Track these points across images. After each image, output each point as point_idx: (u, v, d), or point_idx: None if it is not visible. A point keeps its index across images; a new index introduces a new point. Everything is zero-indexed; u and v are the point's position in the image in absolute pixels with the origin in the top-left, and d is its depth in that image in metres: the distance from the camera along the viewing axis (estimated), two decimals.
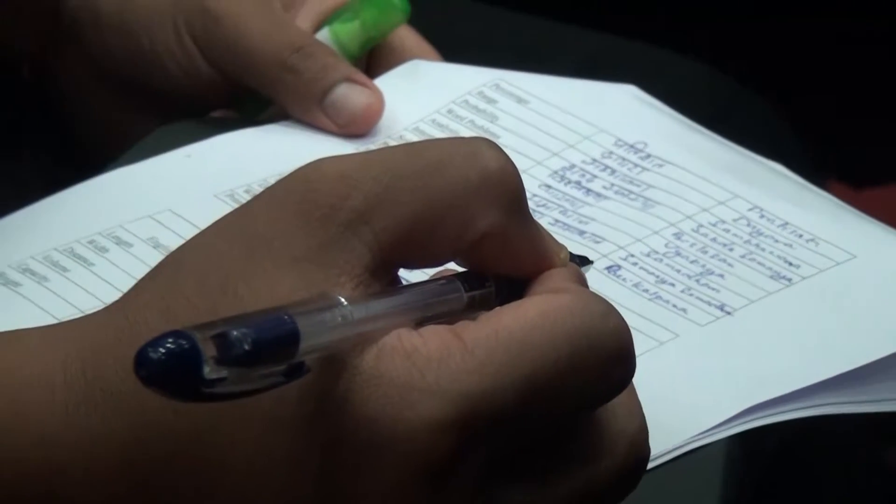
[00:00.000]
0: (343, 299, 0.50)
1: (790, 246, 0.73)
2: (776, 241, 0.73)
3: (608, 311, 0.54)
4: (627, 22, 1.06)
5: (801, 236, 0.73)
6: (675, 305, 0.69)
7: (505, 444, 0.54)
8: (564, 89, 0.84)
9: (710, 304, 0.69)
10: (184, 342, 0.47)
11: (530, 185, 0.77)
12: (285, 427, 0.53)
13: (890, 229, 0.75)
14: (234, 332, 0.47)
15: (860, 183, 1.62)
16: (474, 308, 0.54)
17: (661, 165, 0.78)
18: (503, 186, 0.55)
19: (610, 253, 0.73)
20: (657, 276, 0.71)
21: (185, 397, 0.49)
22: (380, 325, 0.52)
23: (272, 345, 0.48)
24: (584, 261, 0.62)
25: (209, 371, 0.47)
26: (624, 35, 0.99)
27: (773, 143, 0.86)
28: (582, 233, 0.74)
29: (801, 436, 0.67)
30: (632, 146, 0.79)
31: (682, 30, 1.19)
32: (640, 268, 0.72)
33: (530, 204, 0.71)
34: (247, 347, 0.48)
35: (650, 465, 0.60)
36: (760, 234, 0.74)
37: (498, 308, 0.54)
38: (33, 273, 0.72)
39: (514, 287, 0.55)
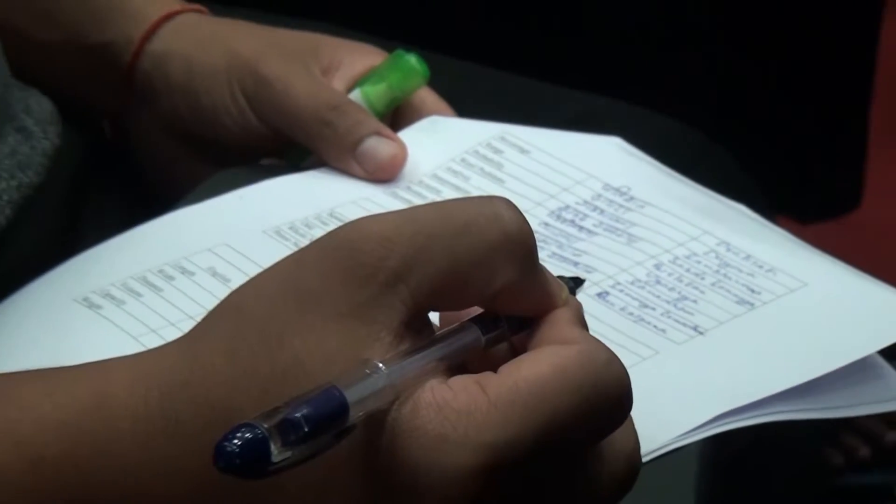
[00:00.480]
0: (382, 365, 0.51)
1: (752, 275, 0.74)
2: (740, 271, 0.74)
3: (611, 359, 0.55)
4: (613, 83, 1.05)
5: (761, 267, 0.74)
6: (655, 326, 0.70)
7: (523, 479, 0.55)
8: (560, 141, 0.84)
9: (685, 325, 0.70)
10: (254, 434, 0.49)
11: (532, 223, 0.76)
12: (341, 471, 0.54)
13: (834, 260, 0.76)
14: (296, 416, 0.49)
15: (805, 218, 1.62)
16: (491, 345, 0.56)
17: (642, 206, 0.79)
18: (520, 246, 0.56)
19: (600, 281, 0.74)
20: (640, 302, 0.72)
21: (256, 478, 0.50)
22: (414, 380, 0.53)
23: (326, 420, 0.50)
24: (577, 281, 0.63)
25: (276, 455, 0.49)
26: (609, 95, 0.99)
27: (735, 186, 0.87)
28: (576, 264, 0.75)
29: (757, 438, 0.67)
30: (617, 190, 0.80)
31: (657, 90, 1.17)
32: (626, 294, 0.73)
33: (542, 237, 0.76)
34: (306, 429, 0.49)
35: None
36: (727, 265, 0.74)
37: (516, 360, 0.54)
38: (113, 297, 0.73)
39: (523, 323, 0.57)
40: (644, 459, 0.62)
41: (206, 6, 0.91)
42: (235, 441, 0.50)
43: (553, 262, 0.75)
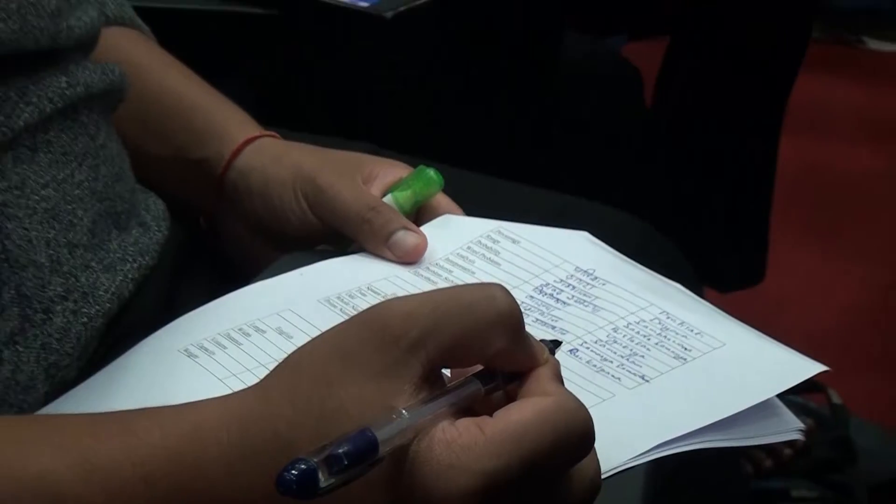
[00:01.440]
0: (405, 411, 0.54)
1: (685, 337, 0.74)
2: (676, 333, 0.74)
3: (579, 407, 0.57)
4: (582, 186, 1.05)
5: (691, 331, 0.74)
6: (612, 375, 0.70)
7: (512, 498, 0.56)
8: (541, 234, 0.84)
9: (634, 374, 0.71)
10: (307, 465, 0.53)
11: (519, 296, 0.77)
12: (373, 490, 0.55)
13: (744, 325, 0.76)
14: (339, 451, 0.52)
15: (723, 289, 1.62)
16: (489, 394, 0.58)
17: (604, 284, 0.79)
18: (510, 321, 0.58)
19: (572, 341, 0.74)
20: (601, 356, 0.72)
21: (308, 500, 0.53)
22: (429, 422, 0.56)
23: (362, 455, 0.53)
24: (556, 343, 0.65)
25: (323, 482, 0.52)
26: (578, 195, 0.99)
27: (673, 267, 0.87)
28: (553, 327, 0.75)
29: (689, 456, 0.67)
30: (585, 272, 0.80)
31: (615, 191, 1.17)
32: (591, 351, 0.73)
33: (529, 308, 0.77)
34: (346, 462, 0.53)
35: None
36: (666, 329, 0.75)
37: (507, 407, 0.56)
38: (205, 349, 0.74)
39: (514, 377, 0.59)
40: (603, 477, 0.62)
41: (277, 132, 0.91)
42: (293, 472, 0.53)
43: (536, 326, 0.75)
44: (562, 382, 0.61)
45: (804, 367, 0.71)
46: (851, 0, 2.85)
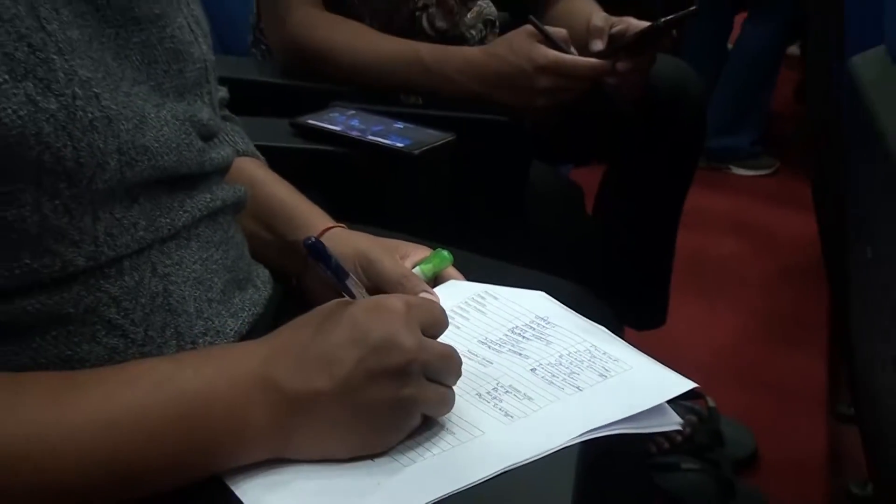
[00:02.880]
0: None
1: (606, 362, 0.73)
2: (601, 360, 0.74)
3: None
4: (543, 264, 1.04)
5: (611, 358, 0.74)
6: (558, 386, 0.70)
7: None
8: (513, 293, 0.83)
9: (573, 386, 0.70)
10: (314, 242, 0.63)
11: (498, 334, 0.77)
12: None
13: (646, 356, 0.75)
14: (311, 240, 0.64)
15: (638, 328, 1.60)
16: None
17: (554, 326, 0.78)
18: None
19: (532, 363, 0.73)
20: (551, 374, 0.71)
21: (325, 262, 0.65)
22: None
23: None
24: None
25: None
26: (539, 270, 0.98)
27: (601, 315, 0.85)
28: (520, 354, 0.74)
29: (609, 442, 0.67)
30: (542, 318, 0.79)
31: (564, 266, 1.17)
32: (544, 370, 0.72)
33: (504, 341, 0.76)
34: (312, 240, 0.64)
35: (531, 458, 0.64)
36: (594, 357, 0.74)
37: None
38: None
39: None
40: (553, 450, 0.64)
41: (344, 223, 0.90)
42: (311, 241, 0.64)
43: (510, 354, 0.74)
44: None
45: (683, 384, 0.71)
46: (721, 142, 2.87)
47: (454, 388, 0.66)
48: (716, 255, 2.41)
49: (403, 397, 0.61)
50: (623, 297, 1.47)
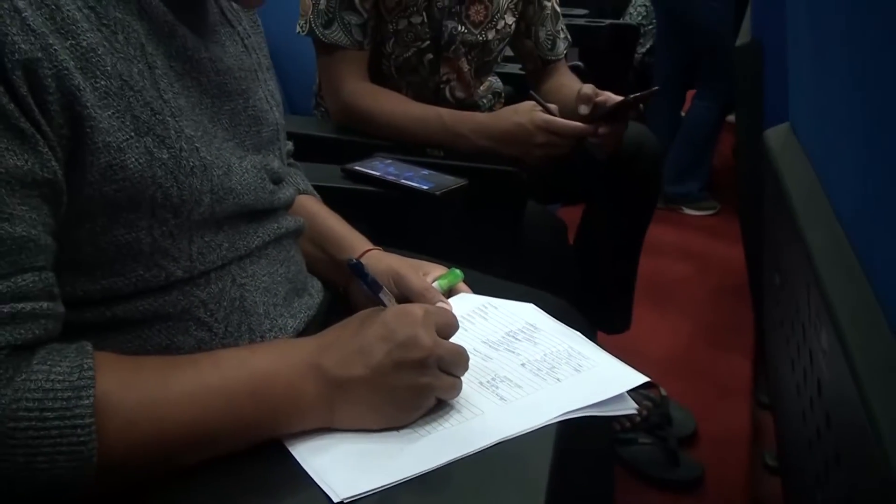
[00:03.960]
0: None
1: (580, 360, 0.73)
2: (576, 358, 0.73)
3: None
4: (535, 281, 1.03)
5: (584, 357, 0.73)
6: (542, 378, 0.69)
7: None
8: (509, 304, 0.82)
9: (554, 378, 0.70)
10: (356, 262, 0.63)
11: (497, 335, 0.76)
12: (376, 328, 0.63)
13: (612, 356, 0.74)
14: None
15: (608, 332, 1.59)
16: None
17: (540, 331, 0.77)
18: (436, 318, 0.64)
19: (523, 359, 0.72)
20: (538, 368, 0.71)
21: (363, 278, 0.65)
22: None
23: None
24: None
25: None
26: (529, 286, 0.96)
27: (578, 323, 0.84)
28: (513, 352, 0.73)
29: (580, 424, 0.66)
30: (531, 325, 0.78)
31: (546, 283, 1.14)
32: (532, 365, 0.71)
33: (501, 342, 0.74)
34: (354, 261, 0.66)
35: (519, 433, 0.63)
36: (571, 356, 0.73)
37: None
38: None
39: None
40: (534, 428, 0.63)
41: (381, 247, 0.89)
42: (353, 261, 0.64)
43: (506, 353, 0.73)
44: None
45: (639, 378, 0.70)
46: (675, 188, 2.86)
47: (462, 378, 0.66)
48: (669, 276, 2.39)
49: (422, 384, 0.61)
50: (596, 307, 1.47)
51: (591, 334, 0.82)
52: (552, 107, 1.23)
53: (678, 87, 2.99)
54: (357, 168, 1.13)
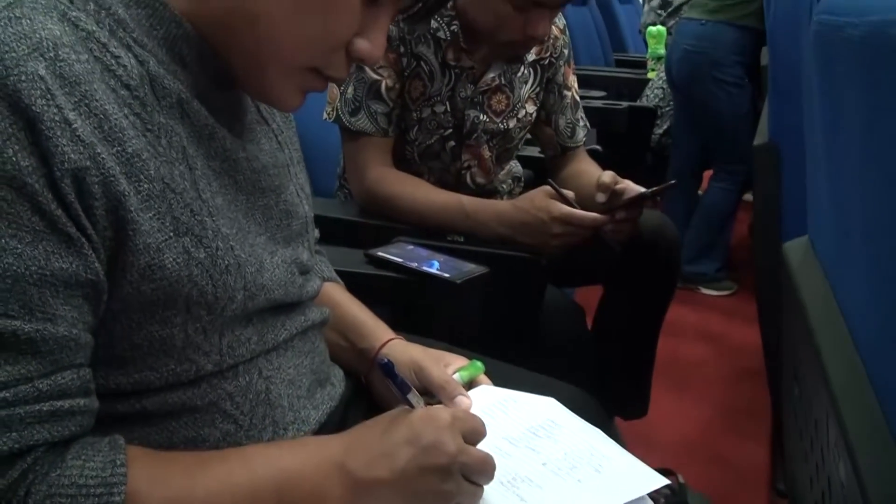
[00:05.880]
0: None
1: (601, 461, 0.72)
2: (597, 458, 0.73)
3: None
4: (553, 370, 1.03)
5: (604, 457, 0.73)
6: (563, 478, 0.69)
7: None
8: (530, 398, 0.82)
9: (575, 478, 0.69)
10: (386, 363, 0.61)
11: (518, 431, 0.75)
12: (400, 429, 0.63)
13: (633, 456, 0.73)
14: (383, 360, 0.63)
15: (626, 418, 1.57)
16: None
17: (561, 427, 0.77)
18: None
19: (544, 458, 0.72)
20: (558, 467, 0.71)
21: (392, 379, 0.64)
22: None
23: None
24: None
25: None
26: (550, 375, 0.97)
27: (596, 416, 0.84)
28: (534, 451, 0.73)
29: None
30: (552, 420, 0.79)
31: (566, 375, 1.14)
32: (553, 464, 0.71)
33: (522, 438, 0.73)
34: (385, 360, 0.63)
35: None
36: (592, 455, 0.73)
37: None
38: None
39: None
40: None
41: (402, 335, 0.90)
42: (384, 361, 0.63)
43: (526, 450, 0.73)
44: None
45: (659, 480, 0.70)
46: (692, 268, 2.86)
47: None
48: (686, 358, 2.38)
49: (444, 490, 0.61)
50: (614, 393, 1.46)
51: (609, 424, 0.81)
52: (569, 194, 1.24)
53: (695, 168, 3.03)
54: (380, 254, 1.15)
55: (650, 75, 3.32)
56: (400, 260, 1.12)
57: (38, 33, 0.50)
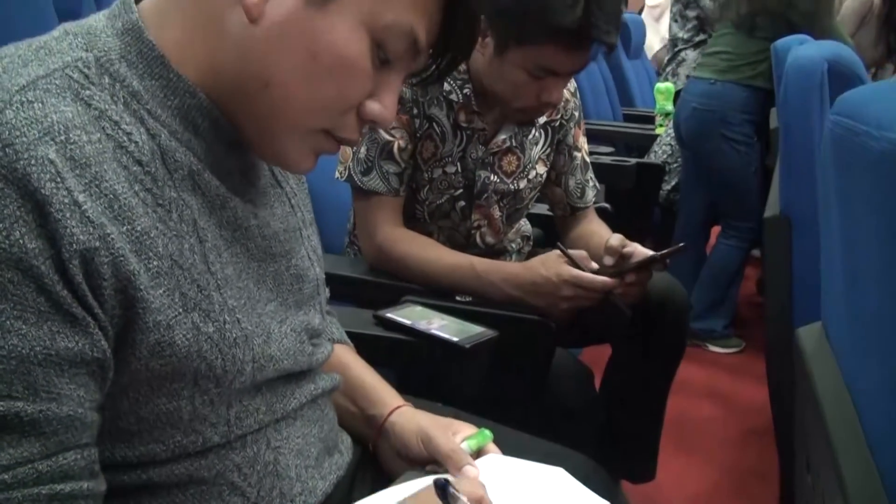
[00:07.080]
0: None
1: None
2: None
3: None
4: (562, 436, 1.01)
5: None
6: None
7: None
8: (540, 469, 0.81)
9: None
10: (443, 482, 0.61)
11: (530, 496, 0.74)
12: None
13: None
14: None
15: (634, 482, 1.55)
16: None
17: (569, 499, 0.75)
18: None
19: None
20: None
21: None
22: None
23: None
24: None
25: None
26: (557, 442, 0.95)
27: (604, 487, 0.82)
28: None
29: None
30: (559, 491, 0.76)
31: (572, 442, 1.12)
32: None
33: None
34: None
35: None
36: None
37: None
38: None
39: None
40: None
41: (409, 399, 0.89)
42: (441, 483, 0.63)
43: None
44: None
45: None
46: (700, 325, 2.85)
47: None
48: (693, 417, 2.35)
49: None
50: (622, 456, 1.44)
51: (616, 491, 0.80)
52: (581, 253, 1.25)
53: (703, 225, 3.03)
54: (389, 315, 1.15)
55: (658, 131, 3.34)
56: (409, 322, 1.12)
57: (49, 117, 0.50)
